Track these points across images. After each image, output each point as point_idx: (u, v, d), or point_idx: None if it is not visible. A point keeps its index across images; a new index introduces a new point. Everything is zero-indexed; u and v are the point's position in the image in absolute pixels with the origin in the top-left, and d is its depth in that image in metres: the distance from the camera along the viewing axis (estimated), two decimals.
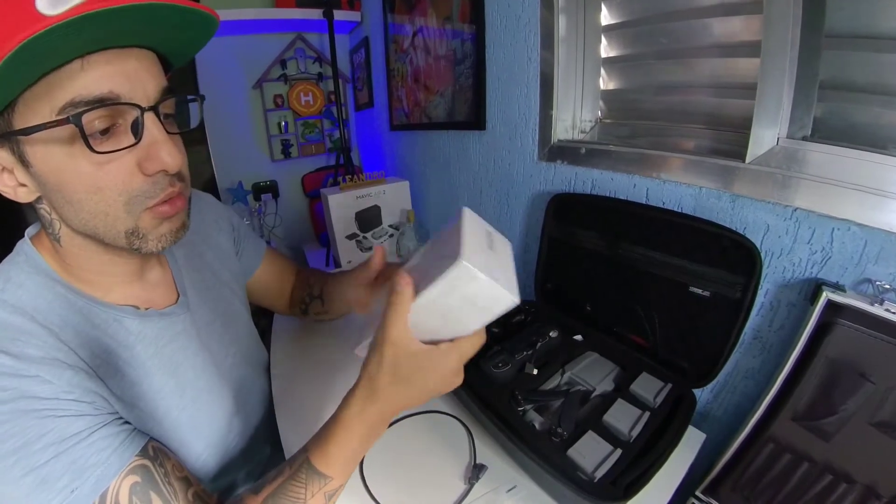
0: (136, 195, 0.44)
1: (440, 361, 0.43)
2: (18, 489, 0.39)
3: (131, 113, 0.42)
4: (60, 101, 0.38)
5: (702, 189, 0.65)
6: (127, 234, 0.46)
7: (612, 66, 0.85)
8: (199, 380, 0.60)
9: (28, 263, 0.49)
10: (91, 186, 0.42)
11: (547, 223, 0.89)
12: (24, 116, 0.39)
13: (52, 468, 0.40)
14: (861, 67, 0.52)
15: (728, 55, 0.65)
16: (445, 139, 1.34)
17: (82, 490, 0.40)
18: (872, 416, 0.47)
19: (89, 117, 0.39)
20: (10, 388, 0.40)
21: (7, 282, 0.47)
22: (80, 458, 0.41)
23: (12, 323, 0.44)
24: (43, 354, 0.43)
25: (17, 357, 0.41)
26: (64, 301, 0.48)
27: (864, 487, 0.48)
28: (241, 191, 2.03)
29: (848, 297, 0.48)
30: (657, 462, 0.54)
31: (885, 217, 0.48)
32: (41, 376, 0.41)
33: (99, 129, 0.40)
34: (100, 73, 0.39)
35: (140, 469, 0.44)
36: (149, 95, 0.42)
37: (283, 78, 2.00)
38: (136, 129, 0.42)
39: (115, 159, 0.42)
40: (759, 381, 0.63)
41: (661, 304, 0.71)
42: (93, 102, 0.39)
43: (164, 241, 0.48)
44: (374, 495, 0.58)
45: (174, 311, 0.59)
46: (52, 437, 0.40)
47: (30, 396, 0.40)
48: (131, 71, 0.41)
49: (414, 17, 1.37)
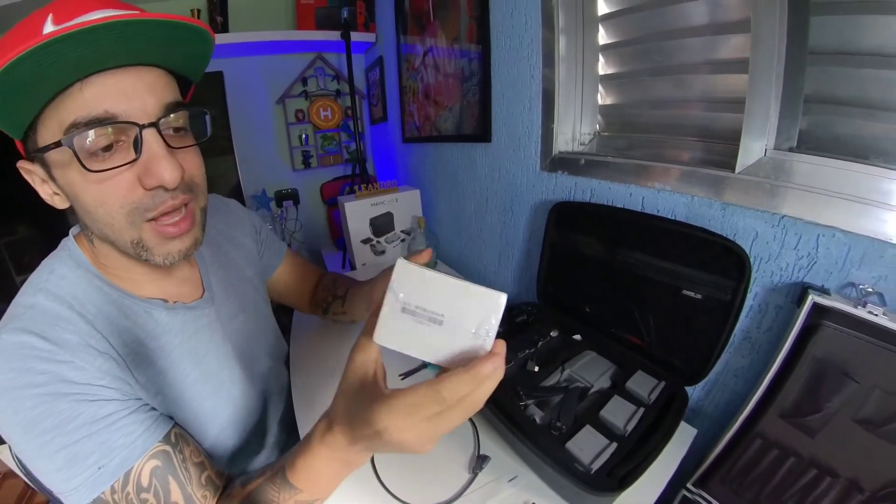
0: (136, 208, 0.43)
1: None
2: (53, 462, 0.41)
3: (133, 130, 0.41)
4: (66, 122, 0.39)
5: (694, 198, 0.65)
6: (133, 244, 0.45)
7: (609, 83, 0.85)
8: (223, 369, 0.61)
9: (70, 258, 0.51)
10: (97, 200, 0.42)
11: (548, 230, 0.89)
12: (43, 136, 0.40)
13: (83, 446, 0.41)
14: (844, 82, 0.52)
15: (718, 71, 0.66)
16: (454, 151, 1.35)
17: (108, 468, 0.42)
18: (856, 414, 0.47)
19: (84, 138, 0.39)
20: (47, 371, 0.42)
21: (51, 273, 0.49)
22: (108, 440, 0.43)
23: (52, 310, 0.45)
24: (78, 340, 0.44)
25: (54, 342, 0.43)
26: (100, 293, 0.50)
27: (847, 481, 0.48)
28: (264, 198, 2.07)
29: (833, 300, 0.48)
30: (651, 455, 0.54)
31: (868, 224, 0.47)
32: (75, 362, 0.43)
33: (101, 147, 0.40)
34: (96, 93, 0.39)
35: (161, 454, 0.46)
36: (148, 112, 0.42)
37: (304, 94, 2.04)
38: (137, 145, 0.41)
39: (114, 176, 0.41)
40: (748, 380, 0.62)
41: (656, 306, 0.71)
42: (91, 122, 0.39)
43: (170, 258, 0.47)
44: (385, 482, 0.59)
45: (200, 304, 0.60)
46: (84, 419, 0.42)
47: (64, 380, 0.42)
48: (129, 89, 0.40)
49: (425, 37, 1.39)
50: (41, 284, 0.47)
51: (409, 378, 0.82)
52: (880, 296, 0.47)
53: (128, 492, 0.43)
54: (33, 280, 0.49)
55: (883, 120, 0.50)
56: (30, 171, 0.45)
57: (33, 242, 1.64)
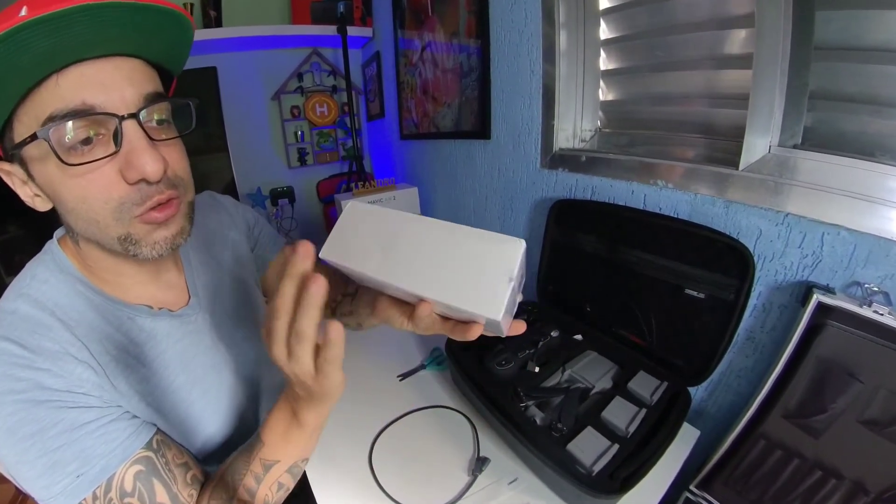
0: (123, 203, 0.42)
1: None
2: (34, 469, 0.40)
3: (112, 122, 0.39)
4: (43, 116, 0.37)
5: (697, 195, 0.65)
6: (120, 240, 0.44)
7: (610, 78, 0.85)
8: (209, 376, 0.60)
9: (53, 262, 0.50)
10: (78, 196, 0.41)
11: (549, 228, 0.89)
12: (20, 132, 0.39)
13: (63, 454, 0.41)
14: (849, 78, 0.52)
15: (721, 67, 0.65)
16: (452, 148, 1.34)
17: (87, 476, 0.42)
18: (861, 414, 0.47)
19: (62, 131, 0.38)
20: (26, 378, 0.41)
21: (33, 278, 0.48)
22: (88, 448, 0.42)
23: (33, 316, 0.44)
24: (58, 349, 0.44)
25: (31, 350, 0.42)
26: (83, 298, 0.49)
27: (852, 483, 0.48)
28: (259, 196, 2.05)
29: (837, 300, 0.48)
30: (653, 457, 0.54)
31: (874, 222, 0.47)
32: (53, 370, 0.42)
33: (79, 140, 0.38)
34: (73, 84, 0.37)
35: (144, 459, 0.45)
36: (128, 103, 0.40)
37: (300, 90, 2.02)
38: (117, 138, 0.40)
39: (94, 170, 0.40)
40: (752, 380, 0.62)
41: (658, 306, 0.70)
42: (68, 115, 0.37)
43: (158, 248, 0.46)
44: (383, 485, 0.59)
45: (185, 312, 0.58)
46: (64, 426, 0.41)
47: (44, 388, 0.41)
48: (107, 80, 0.39)
49: (423, 32, 1.38)
50: (23, 290, 0.46)
51: (407, 378, 0.81)
52: (886, 295, 0.47)
53: (111, 497, 0.42)
54: (15, 285, 0.48)
55: (889, 116, 0.49)
56: (9, 173, 0.43)
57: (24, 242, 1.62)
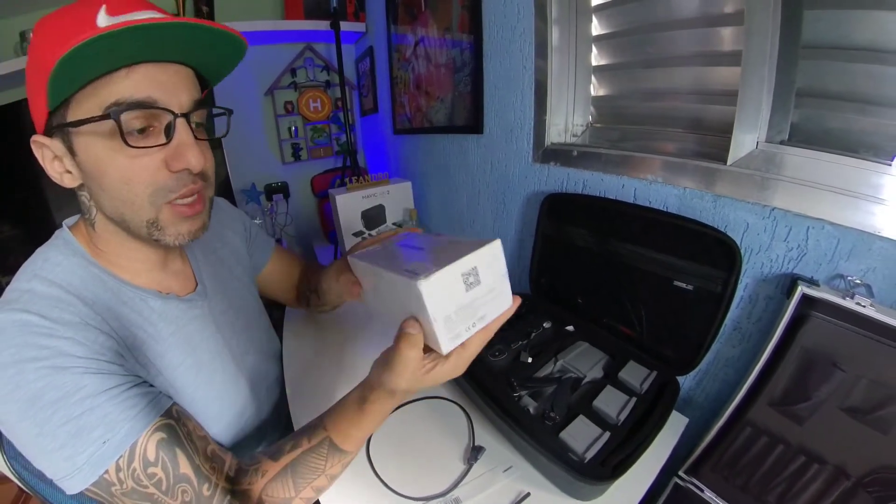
0: (160, 188, 0.46)
1: (448, 367, 0.43)
2: (56, 439, 0.40)
3: (165, 117, 0.45)
4: (107, 101, 0.42)
5: (686, 189, 0.65)
6: (148, 223, 0.48)
7: (602, 74, 0.85)
8: (214, 361, 0.61)
9: (66, 247, 0.51)
10: (123, 177, 0.45)
11: (541, 221, 0.89)
12: (76, 112, 0.43)
13: (87, 419, 0.41)
14: (835, 76, 0.52)
15: (711, 64, 0.65)
16: (445, 142, 1.34)
17: (112, 442, 0.41)
18: (843, 402, 0.48)
19: (128, 116, 0.42)
20: (48, 346, 0.41)
21: (45, 261, 0.49)
22: (111, 413, 0.42)
23: (50, 293, 0.46)
24: (78, 320, 0.45)
25: (53, 320, 0.43)
26: (96, 279, 0.51)
27: (834, 468, 0.49)
28: (254, 192, 2.02)
29: (821, 292, 0.49)
30: (643, 444, 0.54)
31: (857, 217, 0.48)
32: (75, 338, 0.43)
33: (136, 128, 0.44)
34: (141, 80, 0.43)
35: (166, 427, 0.45)
36: (182, 104, 0.46)
37: (293, 85, 1.99)
38: (169, 132, 0.45)
39: (146, 155, 0.45)
40: (739, 370, 0.63)
41: (648, 297, 0.71)
42: (133, 104, 0.42)
43: (181, 238, 0.50)
44: (380, 475, 0.59)
45: (193, 297, 0.61)
46: (88, 391, 0.42)
47: (66, 354, 0.42)
48: (168, 82, 0.45)
49: (416, 27, 1.36)
50: (36, 272, 0.48)
51: None
52: (868, 287, 0.47)
53: (134, 467, 0.42)
54: (27, 268, 0.49)
55: (873, 114, 0.50)
56: (43, 146, 0.46)
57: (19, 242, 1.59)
